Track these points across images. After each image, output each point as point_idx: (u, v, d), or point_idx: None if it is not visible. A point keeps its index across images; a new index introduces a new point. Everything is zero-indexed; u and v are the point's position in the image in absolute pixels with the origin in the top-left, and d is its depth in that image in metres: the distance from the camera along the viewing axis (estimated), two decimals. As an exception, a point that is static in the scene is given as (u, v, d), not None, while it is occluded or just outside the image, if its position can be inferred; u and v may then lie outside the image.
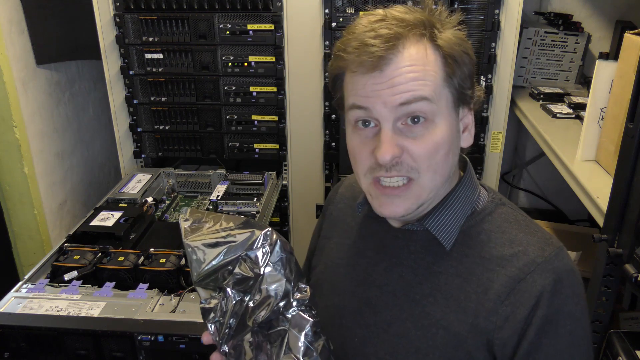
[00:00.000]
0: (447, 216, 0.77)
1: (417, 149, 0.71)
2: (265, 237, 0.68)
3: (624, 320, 1.28)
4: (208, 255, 0.70)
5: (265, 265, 0.68)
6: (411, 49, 0.70)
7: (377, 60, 0.69)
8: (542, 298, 0.71)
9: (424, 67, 0.70)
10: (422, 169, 0.72)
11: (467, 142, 0.79)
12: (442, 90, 0.71)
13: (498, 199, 0.82)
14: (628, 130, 1.07)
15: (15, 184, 1.92)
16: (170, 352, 1.12)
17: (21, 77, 1.86)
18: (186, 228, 0.73)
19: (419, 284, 0.78)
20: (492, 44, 1.75)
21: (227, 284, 0.69)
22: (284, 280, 0.68)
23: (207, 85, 1.85)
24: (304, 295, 0.69)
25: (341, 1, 1.75)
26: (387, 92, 0.69)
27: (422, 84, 0.69)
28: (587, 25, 2.14)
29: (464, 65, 0.73)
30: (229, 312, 0.69)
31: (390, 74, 0.69)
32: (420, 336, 0.76)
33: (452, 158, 0.75)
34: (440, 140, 0.71)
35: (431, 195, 0.75)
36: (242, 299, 0.69)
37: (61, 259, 1.32)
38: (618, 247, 1.09)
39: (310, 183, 1.98)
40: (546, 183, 2.49)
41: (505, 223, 0.78)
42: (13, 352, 1.14)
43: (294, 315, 0.69)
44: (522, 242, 0.75)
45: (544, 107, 1.88)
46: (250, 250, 0.68)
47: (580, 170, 1.38)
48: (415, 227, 0.80)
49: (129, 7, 1.76)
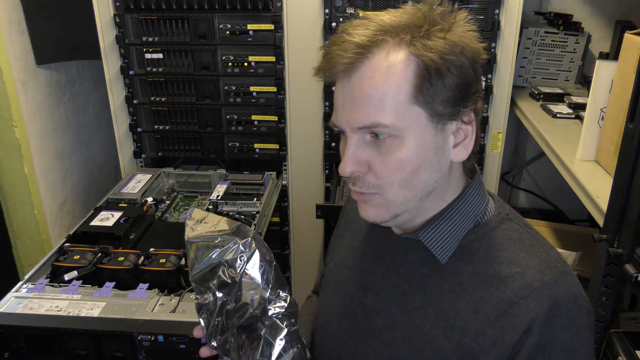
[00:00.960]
0: (444, 229, 0.74)
1: (380, 166, 0.70)
2: (245, 246, 0.72)
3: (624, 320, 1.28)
4: (201, 256, 0.74)
5: (241, 273, 0.71)
6: (381, 55, 0.67)
7: (344, 68, 0.68)
8: (534, 325, 0.66)
9: (384, 82, 0.66)
10: (386, 185, 0.70)
11: (460, 157, 0.73)
12: (408, 107, 0.67)
13: (505, 213, 0.77)
14: (628, 130, 1.07)
15: (15, 184, 1.92)
16: (170, 352, 1.12)
17: (21, 77, 1.86)
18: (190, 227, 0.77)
19: (412, 294, 0.76)
20: (492, 44, 1.75)
21: (214, 285, 0.73)
22: (260, 289, 0.71)
23: (207, 85, 1.85)
24: (282, 305, 0.72)
25: (341, 1, 1.75)
26: (349, 109, 0.70)
27: (380, 106, 0.67)
28: (587, 25, 2.14)
29: (445, 76, 0.67)
30: (216, 310, 0.73)
31: (354, 84, 0.68)
32: (407, 348, 0.75)
33: (428, 174, 0.71)
34: (406, 157, 0.69)
35: (403, 207, 0.72)
36: (225, 301, 0.73)
37: (61, 259, 1.32)
38: (618, 247, 1.09)
39: (310, 183, 1.98)
40: (546, 183, 2.49)
41: (507, 240, 0.74)
42: (13, 352, 1.14)
43: (270, 323, 0.72)
44: (522, 263, 0.71)
45: (544, 107, 1.88)
46: (230, 257, 0.72)
47: (580, 170, 1.38)
48: (411, 236, 0.77)
49: (129, 7, 1.76)
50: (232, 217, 1.59)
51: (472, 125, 0.72)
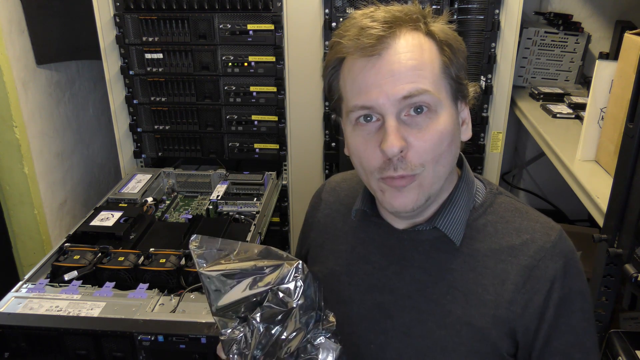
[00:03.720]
0: (455, 213, 0.78)
1: (421, 142, 0.70)
2: (297, 270, 0.68)
3: (624, 320, 1.28)
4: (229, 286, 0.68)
5: (298, 298, 0.67)
6: (407, 35, 0.70)
7: (376, 42, 0.68)
8: (555, 281, 0.74)
9: (421, 54, 0.70)
10: (427, 162, 0.71)
11: (467, 135, 0.80)
12: (441, 80, 0.72)
13: (495, 188, 0.84)
14: (628, 130, 1.07)
15: (15, 184, 1.92)
16: (170, 352, 1.12)
17: (21, 77, 1.86)
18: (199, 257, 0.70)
19: (433, 283, 0.78)
20: (492, 44, 1.75)
21: (254, 316, 0.67)
22: (316, 311, 0.69)
23: (207, 85, 1.85)
24: (332, 324, 0.71)
25: (341, 1, 1.75)
26: (388, 83, 0.68)
27: (422, 74, 0.69)
28: (587, 25, 2.14)
29: (460, 55, 0.74)
30: (254, 343, 0.67)
31: (389, 59, 0.69)
32: (444, 335, 0.76)
33: (455, 149, 0.76)
34: (444, 130, 0.71)
35: (435, 187, 0.74)
36: (267, 330, 0.67)
37: (61, 259, 1.32)
38: (618, 247, 1.09)
39: (310, 183, 1.98)
40: (546, 183, 2.49)
41: (507, 213, 0.80)
42: (13, 352, 1.14)
43: (322, 343, 0.69)
44: (528, 229, 0.78)
45: (544, 107, 1.88)
46: (282, 283, 0.67)
47: (580, 170, 1.38)
48: (424, 227, 0.79)
49: (129, 7, 1.76)
50: (232, 217, 1.59)
51: (467, 108, 0.79)
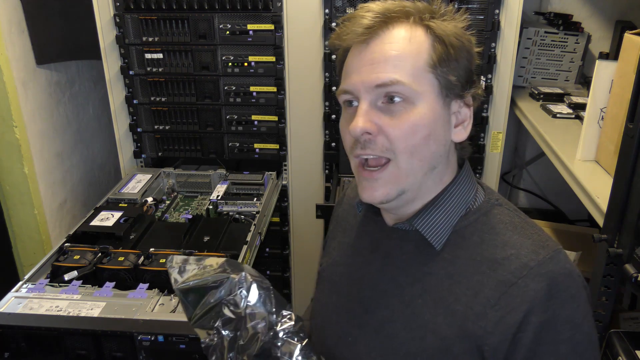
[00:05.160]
0: (437, 216, 0.76)
1: (392, 129, 0.71)
2: (241, 282, 0.73)
3: (624, 320, 1.28)
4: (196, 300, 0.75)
5: (245, 307, 0.72)
6: (400, 28, 0.72)
7: (363, 31, 0.71)
8: (535, 303, 0.68)
9: (405, 46, 0.71)
10: (398, 150, 0.71)
11: (460, 137, 0.77)
12: (425, 74, 0.71)
13: (495, 199, 0.80)
14: (628, 130, 1.07)
15: (15, 184, 1.92)
16: (170, 352, 1.12)
17: (21, 77, 1.86)
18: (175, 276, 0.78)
19: (410, 285, 0.77)
20: (492, 44, 1.75)
21: (218, 325, 0.74)
22: (266, 315, 0.73)
23: (207, 85, 1.85)
24: (289, 324, 0.73)
25: (341, 1, 1.75)
26: (366, 71, 0.71)
27: (400, 65, 0.70)
28: (587, 25, 2.14)
29: (459, 56, 0.73)
30: (227, 348, 0.73)
31: (373, 48, 0.71)
32: (409, 339, 0.75)
33: (435, 145, 0.73)
34: (419, 121, 0.71)
35: (410, 180, 0.73)
36: (235, 336, 0.73)
37: (61, 259, 1.32)
38: (618, 247, 1.09)
39: (310, 183, 1.98)
40: (546, 183, 2.49)
41: (499, 224, 0.76)
42: (13, 352, 1.14)
43: (282, 344, 0.72)
44: (516, 244, 0.73)
45: (544, 107, 1.88)
46: (229, 294, 0.73)
47: (580, 170, 1.38)
48: (405, 226, 0.79)
49: (129, 7, 1.76)
50: (232, 217, 1.59)
51: (470, 110, 0.77)
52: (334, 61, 1.78)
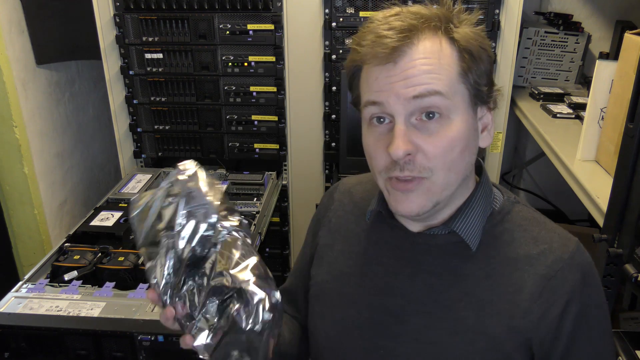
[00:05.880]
0: (472, 217, 0.77)
1: (431, 147, 0.69)
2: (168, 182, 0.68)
3: (624, 320, 1.28)
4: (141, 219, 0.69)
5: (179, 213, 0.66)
6: (426, 42, 0.69)
7: (391, 52, 0.68)
8: (574, 294, 0.73)
9: (438, 60, 0.69)
10: (436, 168, 0.70)
11: (486, 142, 0.78)
12: (457, 85, 0.70)
13: (513, 197, 0.82)
14: (628, 130, 1.07)
15: (15, 184, 1.92)
16: (170, 352, 1.12)
17: (21, 77, 1.86)
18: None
19: (446, 289, 0.76)
20: (492, 44, 1.75)
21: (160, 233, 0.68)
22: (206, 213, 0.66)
23: (207, 85, 1.85)
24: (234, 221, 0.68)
25: (341, 1, 1.75)
26: (400, 85, 0.68)
27: (436, 77, 0.68)
28: (587, 25, 2.14)
29: (481, 62, 0.72)
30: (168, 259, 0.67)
31: (403, 66, 0.68)
32: (456, 342, 0.75)
33: (469, 156, 0.74)
34: (456, 136, 0.70)
35: (445, 193, 0.73)
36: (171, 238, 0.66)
37: (61, 259, 1.32)
38: (618, 247, 1.09)
39: (310, 183, 1.98)
40: (546, 183, 2.49)
41: (524, 221, 0.79)
42: (13, 352, 1.14)
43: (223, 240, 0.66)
44: (546, 239, 0.76)
45: (544, 107, 1.88)
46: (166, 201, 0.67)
47: (580, 170, 1.38)
48: (438, 230, 0.78)
49: (129, 7, 1.76)
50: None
51: (491, 113, 0.78)
52: (334, 61, 1.79)
